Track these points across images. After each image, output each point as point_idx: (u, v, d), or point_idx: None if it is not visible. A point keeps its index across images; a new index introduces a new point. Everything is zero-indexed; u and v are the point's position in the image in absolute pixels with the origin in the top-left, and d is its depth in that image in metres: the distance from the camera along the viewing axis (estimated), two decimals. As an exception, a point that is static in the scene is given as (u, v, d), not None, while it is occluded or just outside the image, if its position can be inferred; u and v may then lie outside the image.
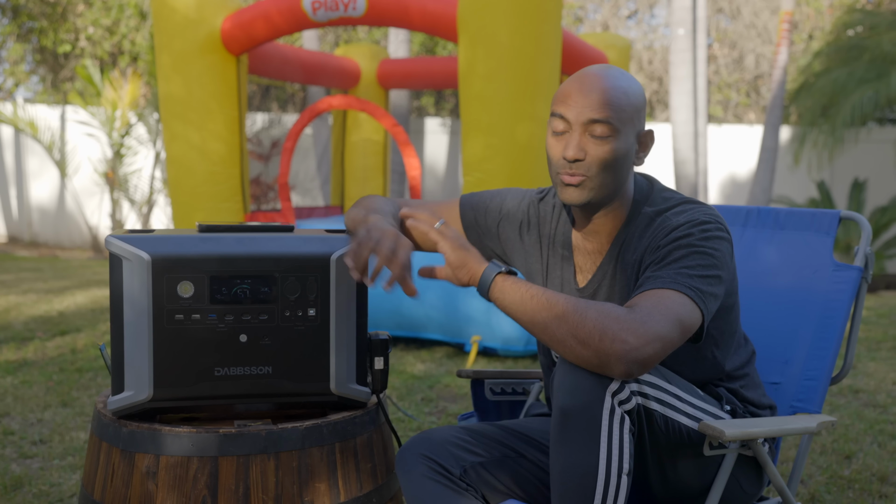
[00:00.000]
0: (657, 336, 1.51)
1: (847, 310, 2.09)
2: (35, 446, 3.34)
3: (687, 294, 1.59)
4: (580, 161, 1.69)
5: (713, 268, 1.65)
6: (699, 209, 1.73)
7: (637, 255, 1.74)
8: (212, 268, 1.70)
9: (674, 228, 1.69)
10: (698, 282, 1.62)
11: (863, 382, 4.60)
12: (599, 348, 1.50)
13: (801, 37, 15.99)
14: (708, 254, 1.65)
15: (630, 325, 1.50)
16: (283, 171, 5.61)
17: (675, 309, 1.57)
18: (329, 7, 5.35)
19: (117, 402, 1.72)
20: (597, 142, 1.68)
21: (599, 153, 1.68)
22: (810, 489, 3.01)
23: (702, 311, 1.61)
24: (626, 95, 1.70)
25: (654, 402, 1.61)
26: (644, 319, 1.52)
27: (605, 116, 1.67)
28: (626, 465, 1.55)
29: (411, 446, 1.79)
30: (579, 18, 17.24)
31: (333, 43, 15.02)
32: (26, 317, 6.13)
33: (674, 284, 1.60)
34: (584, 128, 1.69)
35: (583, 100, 1.69)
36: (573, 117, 1.69)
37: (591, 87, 1.69)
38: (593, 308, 1.53)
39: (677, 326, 1.55)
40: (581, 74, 1.73)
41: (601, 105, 1.68)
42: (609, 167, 1.69)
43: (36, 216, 12.38)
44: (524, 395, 2.22)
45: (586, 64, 6.45)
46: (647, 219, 1.75)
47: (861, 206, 10.56)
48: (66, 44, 14.09)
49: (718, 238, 1.68)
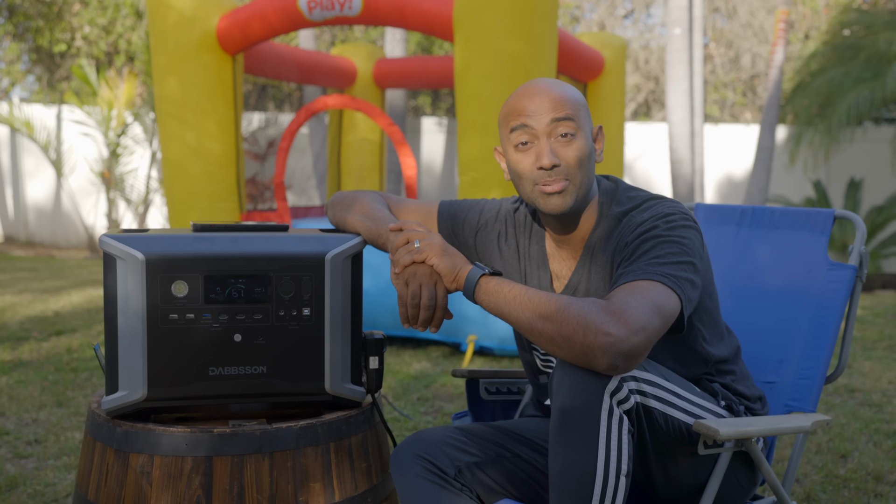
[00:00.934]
0: (640, 326, 1.50)
1: (842, 309, 2.09)
2: (30, 446, 3.34)
3: (661, 282, 1.58)
4: (558, 166, 1.69)
5: (683, 254, 1.64)
6: (663, 203, 1.74)
7: (608, 256, 1.74)
8: (206, 267, 1.70)
9: (639, 224, 1.70)
10: (670, 269, 1.61)
11: (858, 382, 4.60)
12: (584, 343, 1.49)
13: (798, 36, 16.01)
14: (676, 242, 1.65)
15: (611, 317, 1.49)
16: (279, 171, 5.61)
17: (651, 297, 1.55)
18: (325, 6, 5.34)
19: (111, 402, 1.72)
20: (565, 142, 1.70)
21: (571, 153, 1.70)
22: (805, 488, 3.01)
23: (679, 297, 1.59)
24: (572, 93, 1.73)
25: (653, 400, 1.61)
26: (623, 309, 1.51)
27: (566, 114, 1.69)
28: (624, 467, 1.55)
29: (406, 446, 1.79)
30: (576, 18, 17.24)
31: (330, 42, 15.02)
32: (22, 316, 6.12)
33: (646, 275, 1.59)
34: (549, 131, 1.70)
35: (539, 105, 1.70)
36: (536, 123, 1.70)
37: (541, 92, 1.72)
38: (575, 304, 1.53)
39: (657, 314, 1.54)
40: (524, 87, 1.74)
41: (559, 104, 1.70)
42: (582, 165, 1.71)
43: (32, 216, 12.36)
44: (519, 394, 2.22)
45: (583, 63, 6.45)
46: (615, 219, 1.76)
47: (857, 206, 10.57)
48: (62, 43, 14.07)
49: (684, 227, 1.68)
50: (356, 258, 1.78)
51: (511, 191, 5.01)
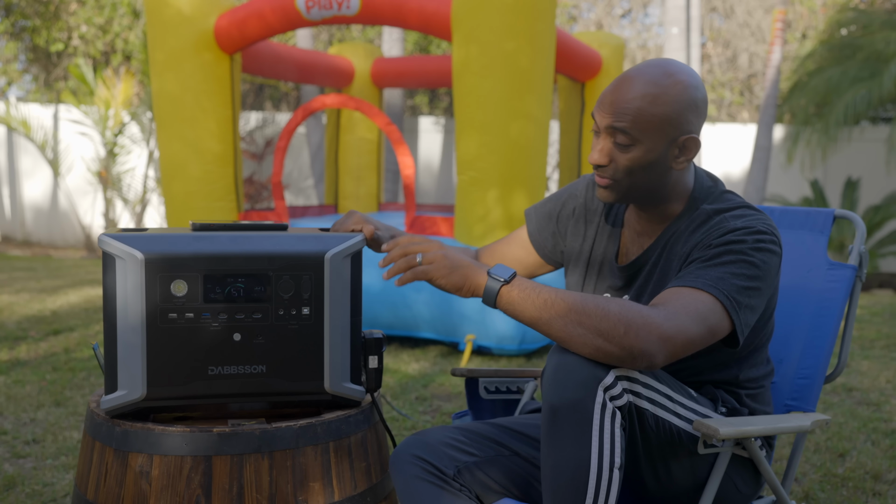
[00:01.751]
0: (680, 331, 1.54)
1: (841, 308, 2.09)
2: (28, 446, 3.33)
3: (720, 300, 1.60)
4: (604, 166, 1.73)
5: (756, 279, 1.65)
6: (758, 217, 1.73)
7: (687, 249, 1.74)
8: (205, 266, 1.70)
9: (729, 231, 1.69)
10: (737, 292, 1.62)
11: (856, 381, 4.61)
12: (624, 342, 1.51)
13: (795, 36, 16.02)
14: (755, 265, 1.65)
15: (655, 320, 1.53)
16: (277, 170, 5.60)
17: (703, 312, 1.58)
18: (323, 6, 5.34)
19: (110, 402, 1.71)
20: (620, 149, 1.72)
21: (623, 160, 1.72)
22: (804, 487, 3.01)
23: (732, 321, 1.62)
24: (652, 104, 1.68)
25: (646, 402, 1.61)
26: (669, 316, 1.55)
27: (623, 126, 1.69)
28: (617, 460, 1.55)
29: (405, 447, 1.79)
30: (573, 17, 17.25)
31: (327, 41, 15.01)
32: (19, 316, 6.11)
33: (712, 289, 1.61)
34: (609, 133, 1.72)
35: (609, 106, 1.71)
36: (600, 122, 1.73)
37: (620, 93, 1.70)
38: (614, 303, 1.55)
39: (703, 326, 1.58)
40: (622, 76, 1.73)
41: (621, 114, 1.69)
42: (633, 174, 1.72)
43: (29, 215, 12.34)
44: (518, 393, 2.22)
45: (580, 63, 6.45)
46: (705, 215, 1.76)
47: (854, 205, 10.58)
48: (59, 42, 14.05)
49: (770, 252, 1.68)
50: (356, 257, 1.78)
51: (511, 190, 5.01)
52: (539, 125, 5.09)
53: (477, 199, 5.03)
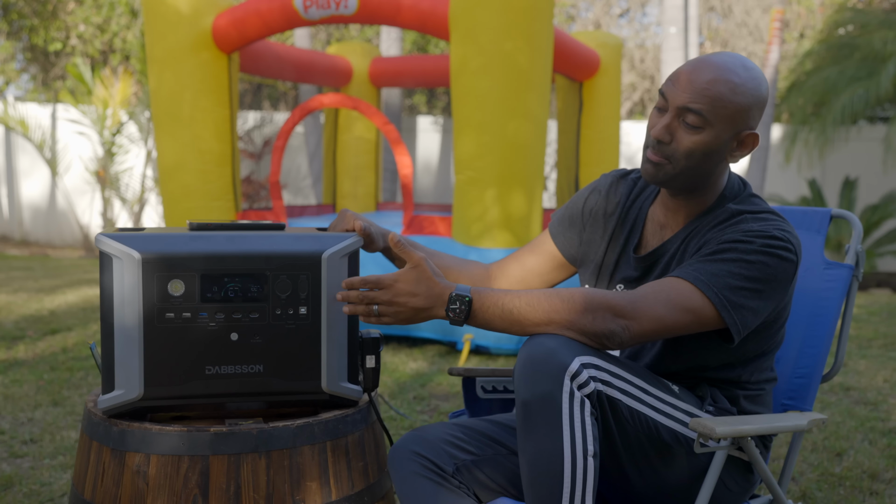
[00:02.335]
0: (644, 313, 1.61)
1: (838, 308, 2.09)
2: (25, 445, 3.33)
3: (704, 292, 1.64)
4: (664, 144, 1.72)
5: (755, 281, 1.65)
6: (778, 224, 1.72)
7: (701, 243, 1.76)
8: (202, 266, 1.70)
9: (744, 231, 1.70)
10: (728, 289, 1.64)
11: (853, 380, 4.61)
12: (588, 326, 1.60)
13: (793, 35, 16.03)
14: (755, 266, 1.66)
15: (614, 302, 1.60)
16: (275, 170, 5.60)
17: (674, 298, 1.63)
18: (321, 5, 5.34)
19: (108, 401, 1.71)
20: (686, 130, 1.71)
21: (686, 142, 1.71)
22: (801, 486, 3.01)
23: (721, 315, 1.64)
24: (732, 92, 1.68)
25: (617, 392, 1.63)
26: (633, 300, 1.61)
27: (699, 108, 1.68)
28: (590, 447, 1.56)
29: (403, 444, 1.79)
30: (571, 17, 17.25)
31: (325, 41, 15.00)
32: (17, 316, 6.10)
33: (698, 282, 1.65)
34: (679, 112, 1.71)
35: (686, 85, 1.70)
36: (672, 98, 1.72)
37: (700, 74, 1.70)
38: (578, 292, 1.61)
39: (675, 310, 1.62)
40: (700, 59, 1.73)
41: (699, 96, 1.68)
42: (692, 157, 1.72)
43: (27, 215, 12.34)
44: (516, 393, 2.22)
45: (578, 62, 6.45)
46: (728, 213, 1.77)
47: (852, 205, 10.59)
48: (57, 42, 14.04)
49: (778, 257, 1.68)
50: (353, 257, 1.78)
51: (509, 189, 5.01)
52: (537, 125, 5.09)
53: (475, 199, 5.03)
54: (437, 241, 5.19)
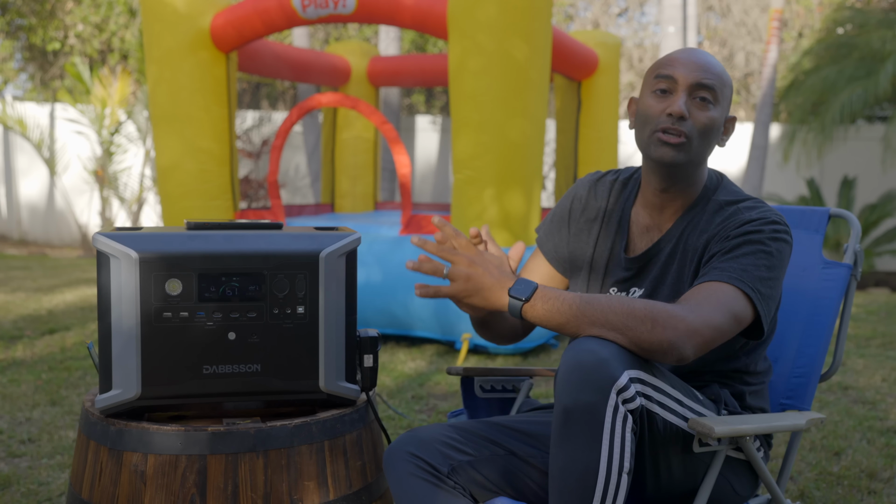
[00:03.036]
0: (706, 323, 1.57)
1: (836, 307, 2.09)
2: (23, 445, 3.33)
3: (746, 293, 1.64)
4: (684, 120, 1.72)
5: (774, 269, 1.69)
6: (769, 209, 1.77)
7: (703, 240, 1.77)
8: (200, 265, 1.70)
9: (747, 222, 1.72)
10: (760, 282, 1.66)
11: (852, 379, 4.61)
12: (652, 338, 1.54)
13: (791, 34, 16.04)
14: (772, 255, 1.69)
15: (679, 314, 1.56)
16: (273, 169, 5.60)
17: (727, 302, 1.61)
18: (319, 4, 5.34)
19: (105, 401, 1.71)
20: (700, 105, 1.74)
21: (702, 117, 1.73)
22: (800, 485, 3.02)
23: (757, 311, 1.65)
24: (725, 74, 1.77)
25: (657, 406, 1.62)
26: (693, 309, 1.58)
27: (711, 83, 1.73)
28: (626, 465, 1.55)
29: (399, 444, 1.79)
30: (570, 16, 17.25)
31: (323, 40, 15.00)
32: (15, 315, 6.10)
33: (737, 281, 1.65)
34: (691, 90, 1.74)
35: (692, 63, 1.74)
36: (681, 77, 1.74)
37: (700, 55, 1.76)
38: (639, 302, 1.57)
39: (728, 316, 1.60)
40: (686, 48, 1.79)
41: (709, 72, 1.74)
42: (707, 134, 1.75)
43: (25, 214, 12.33)
44: (514, 392, 2.22)
45: (577, 62, 6.46)
46: (717, 206, 1.79)
47: (850, 204, 10.59)
48: (56, 41, 14.03)
49: (784, 241, 1.72)
50: (351, 256, 1.78)
51: (507, 189, 5.01)
52: (535, 124, 5.09)
53: (473, 198, 5.03)
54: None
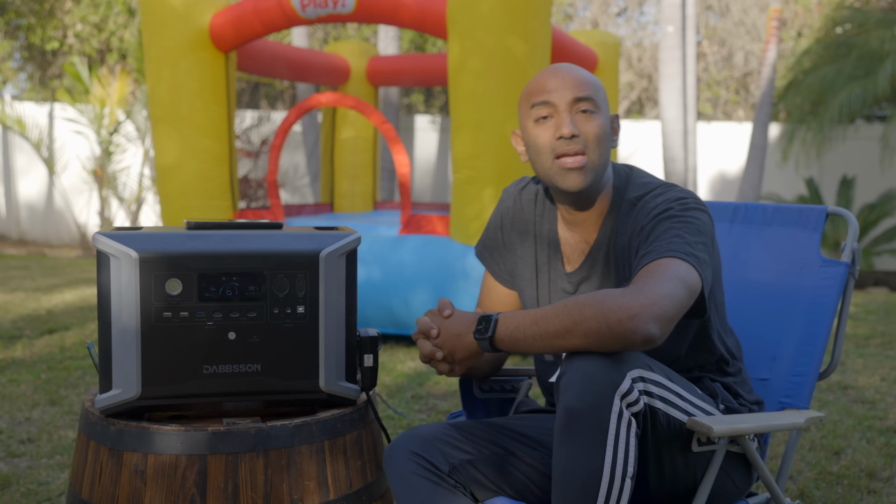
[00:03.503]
0: (662, 294, 1.55)
1: (834, 305, 2.10)
2: (23, 445, 3.33)
3: (682, 258, 1.63)
4: (577, 136, 1.73)
5: (699, 234, 1.69)
6: (675, 189, 1.79)
7: (626, 239, 1.79)
8: (200, 265, 1.70)
9: (653, 208, 1.75)
10: (689, 248, 1.66)
11: (851, 379, 4.62)
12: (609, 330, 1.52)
13: (790, 34, 16.04)
14: (690, 222, 1.70)
15: (629, 294, 1.54)
16: (272, 169, 5.60)
17: (673, 271, 1.61)
18: (318, 4, 5.33)
19: (105, 401, 1.71)
20: (585, 118, 1.75)
21: (591, 127, 1.75)
22: (799, 485, 3.02)
23: (699, 274, 1.64)
24: (593, 78, 1.79)
25: (658, 401, 1.62)
26: (641, 287, 1.57)
27: (587, 94, 1.75)
28: (630, 469, 1.55)
29: (400, 443, 1.79)
30: (569, 16, 17.24)
31: (322, 40, 14.99)
32: (14, 315, 6.10)
33: (668, 252, 1.64)
34: (571, 107, 1.75)
35: (563, 82, 1.75)
36: (558, 98, 1.75)
37: (566, 72, 1.77)
38: (586, 301, 1.56)
39: (680, 284, 1.59)
40: (548, 68, 1.80)
41: (581, 85, 1.75)
42: (601, 142, 1.76)
43: (24, 214, 12.32)
44: (513, 392, 2.22)
45: (575, 61, 6.45)
46: (630, 204, 1.81)
47: (849, 203, 10.60)
48: (54, 41, 14.02)
49: (697, 209, 1.74)
50: (351, 256, 1.78)
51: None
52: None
53: (473, 198, 5.03)
54: (435, 240, 5.19)
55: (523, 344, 1.63)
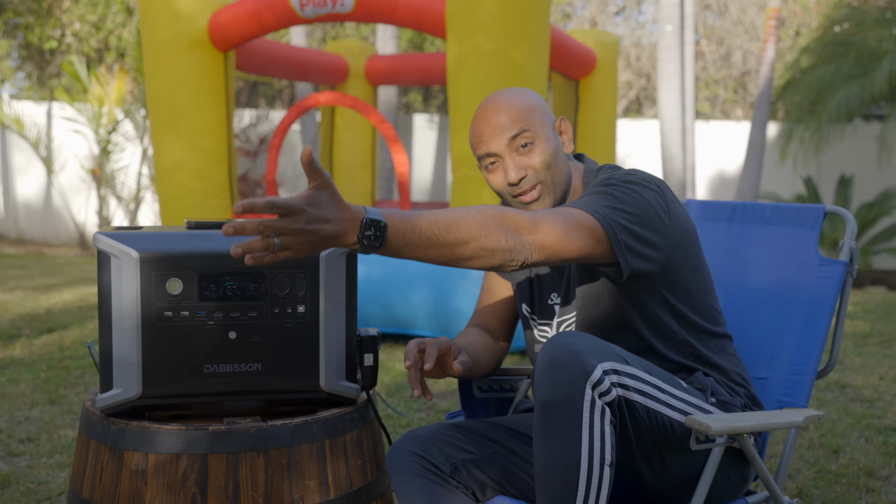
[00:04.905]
0: (542, 219, 1.57)
1: (832, 304, 2.10)
2: (22, 444, 3.33)
3: (589, 212, 1.64)
4: (525, 178, 1.79)
5: (630, 205, 1.69)
6: (633, 170, 1.81)
7: None
8: (200, 265, 1.70)
9: (597, 183, 1.78)
10: (607, 209, 1.66)
11: (850, 378, 4.63)
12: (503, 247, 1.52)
13: (788, 33, 16.05)
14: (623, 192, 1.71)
15: (512, 213, 1.55)
16: (271, 168, 5.60)
17: (573, 215, 1.62)
18: (317, 3, 5.34)
19: (106, 400, 1.72)
20: (526, 151, 1.79)
21: (535, 159, 1.79)
22: (798, 483, 3.03)
23: (607, 234, 1.64)
24: (525, 103, 1.81)
25: (636, 394, 1.62)
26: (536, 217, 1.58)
27: (520, 128, 1.78)
28: (608, 457, 1.56)
29: (401, 444, 1.80)
30: (567, 15, 17.25)
31: (321, 39, 14.99)
32: (13, 314, 6.10)
33: (577, 206, 1.66)
34: (509, 148, 1.79)
35: (494, 128, 1.79)
36: (495, 146, 1.79)
37: (494, 113, 1.80)
38: (474, 209, 1.54)
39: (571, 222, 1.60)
40: (480, 110, 1.84)
41: (511, 121, 1.78)
42: (550, 165, 1.80)
43: (22, 213, 12.32)
44: (512, 391, 2.22)
45: (575, 60, 6.47)
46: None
47: (847, 202, 10.61)
48: (52, 40, 14.01)
49: (642, 185, 1.74)
50: (351, 256, 1.78)
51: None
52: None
53: (472, 197, 5.03)
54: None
55: (412, 250, 1.47)
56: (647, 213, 1.71)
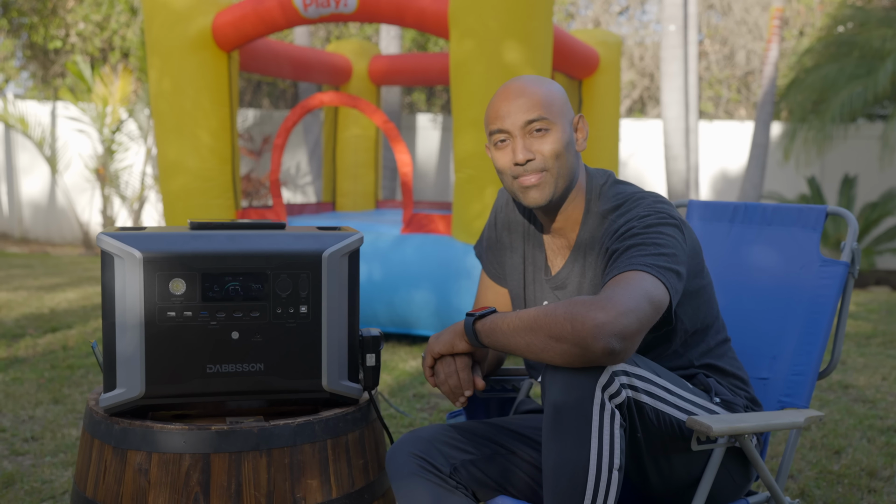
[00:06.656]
0: (627, 308, 1.53)
1: (834, 305, 2.10)
2: (27, 443, 3.34)
3: (646, 271, 1.63)
4: (532, 160, 1.77)
5: (663, 246, 1.69)
6: (640, 204, 1.78)
7: (595, 255, 1.80)
8: (204, 265, 1.71)
9: (617, 230, 1.75)
10: (652, 259, 1.65)
11: (852, 378, 4.62)
12: (573, 335, 1.52)
13: (792, 33, 16.03)
14: (652, 237, 1.70)
15: (597, 304, 1.53)
16: (275, 168, 5.61)
17: (638, 284, 1.60)
18: (320, 3, 5.34)
19: (109, 400, 1.72)
20: (539, 136, 1.77)
21: (546, 146, 1.77)
22: (800, 484, 3.03)
23: (665, 286, 1.63)
24: (549, 92, 1.80)
25: (644, 395, 1.63)
26: (609, 296, 1.56)
27: (538, 114, 1.77)
28: (616, 461, 1.57)
29: (401, 445, 1.80)
30: (570, 14, 17.24)
31: (325, 39, 15.00)
32: (17, 314, 6.11)
33: (630, 266, 1.64)
34: (523, 131, 1.77)
35: (514, 107, 1.78)
36: (510, 125, 1.78)
37: (517, 94, 1.79)
38: (560, 305, 1.57)
39: (645, 299, 1.58)
40: (501, 90, 1.83)
41: (531, 105, 1.77)
42: (559, 155, 1.78)
43: (27, 212, 12.34)
44: (514, 392, 2.23)
45: (578, 60, 6.46)
46: (600, 217, 1.82)
47: (851, 202, 10.59)
48: (57, 40, 14.03)
49: (661, 224, 1.73)
50: (353, 256, 1.79)
51: (506, 188, 5.01)
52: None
53: (474, 196, 5.04)
54: (437, 239, 5.20)
55: (502, 340, 1.66)
56: (676, 249, 1.71)
